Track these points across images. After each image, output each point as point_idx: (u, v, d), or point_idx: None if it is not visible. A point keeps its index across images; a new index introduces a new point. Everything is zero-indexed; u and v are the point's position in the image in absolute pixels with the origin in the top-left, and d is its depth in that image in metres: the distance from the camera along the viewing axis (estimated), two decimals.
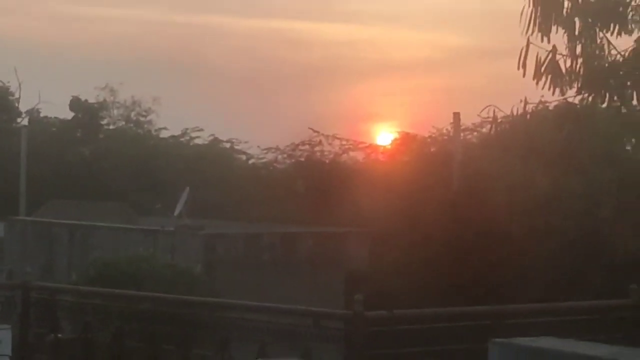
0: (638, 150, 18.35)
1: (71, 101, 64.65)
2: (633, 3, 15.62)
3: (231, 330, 12.10)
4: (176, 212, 32.01)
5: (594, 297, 15.03)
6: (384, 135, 35.19)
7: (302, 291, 15.63)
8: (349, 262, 20.73)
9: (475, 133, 26.14)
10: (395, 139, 31.95)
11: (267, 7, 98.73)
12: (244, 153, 50.45)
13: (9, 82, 65.07)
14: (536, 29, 15.26)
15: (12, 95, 65.37)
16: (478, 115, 21.72)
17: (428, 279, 16.18)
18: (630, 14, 15.47)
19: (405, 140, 29.42)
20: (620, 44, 15.75)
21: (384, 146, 33.30)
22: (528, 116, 17.72)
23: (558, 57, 15.43)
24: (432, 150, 26.53)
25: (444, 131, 27.77)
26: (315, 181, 31.42)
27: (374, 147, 34.23)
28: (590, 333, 10.46)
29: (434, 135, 29.46)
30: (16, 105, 65.41)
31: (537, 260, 16.72)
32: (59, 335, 13.28)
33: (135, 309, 13.76)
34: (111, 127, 67.49)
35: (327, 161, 33.81)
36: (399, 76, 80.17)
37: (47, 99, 66.33)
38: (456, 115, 26.41)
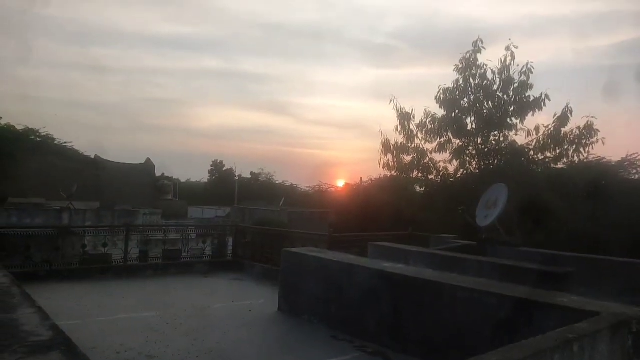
0: (416, 189, 18.56)
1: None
2: (411, 146, 17.08)
3: (295, 239, 11.33)
4: (280, 204, 32.06)
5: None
6: (340, 183, 32.53)
7: (318, 229, 13.99)
8: (329, 219, 19.88)
9: (367, 182, 22.72)
10: (344, 184, 30.41)
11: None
12: (299, 187, 50.05)
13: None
14: (383, 154, 16.89)
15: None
16: (369, 178, 22.74)
17: (352, 224, 15.59)
18: (409, 149, 16.92)
19: (347, 185, 27.35)
20: (408, 159, 17.06)
21: (341, 187, 31.17)
22: (381, 179, 20.50)
23: (390, 161, 16.98)
24: (354, 187, 24.51)
25: (359, 182, 24.94)
26: (321, 197, 30.68)
27: (338, 187, 32.33)
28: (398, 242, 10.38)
29: (355, 183, 27.78)
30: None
31: (381, 217, 16.06)
32: (246, 240, 12.69)
33: (267, 232, 12.98)
34: (261, 180, 60.42)
35: (324, 191, 33.07)
36: (345, 165, 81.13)
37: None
38: (361, 179, 24.65)
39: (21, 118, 60.22)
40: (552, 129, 15.92)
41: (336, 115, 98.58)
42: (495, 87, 16.76)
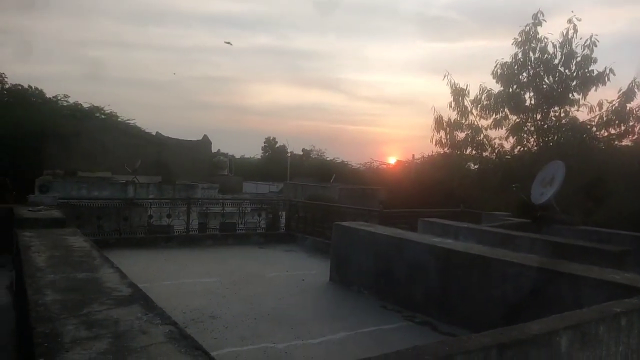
0: (469, 167, 18.05)
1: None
2: (465, 122, 16.66)
3: (345, 214, 11.42)
4: (331, 181, 30.69)
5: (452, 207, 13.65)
6: (392, 160, 33.22)
7: (368, 205, 14.09)
8: (380, 196, 19.70)
9: (419, 159, 23.00)
10: (396, 161, 30.76)
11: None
12: (350, 164, 47.58)
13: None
14: (436, 130, 16.64)
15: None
16: (421, 155, 23.12)
17: (403, 201, 15.38)
18: (463, 125, 16.59)
19: (399, 162, 27.94)
20: (461, 135, 16.68)
21: (392, 164, 31.36)
22: (433, 156, 20.33)
23: (442, 138, 16.66)
24: (406, 164, 24.57)
25: (410, 159, 24.52)
26: (372, 174, 30.28)
27: (389, 164, 32.66)
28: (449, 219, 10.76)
29: (407, 160, 26.16)
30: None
31: (433, 194, 16.17)
32: (298, 214, 12.87)
33: (318, 206, 13.06)
34: (313, 156, 58.15)
35: (375, 168, 33.00)
36: (397, 142, 79.70)
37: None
38: (413, 155, 24.56)
39: (87, 96, 63.34)
40: (616, 105, 15.16)
41: (389, 91, 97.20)
42: (556, 61, 16.07)
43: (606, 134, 15.82)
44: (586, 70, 15.63)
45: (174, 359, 2.31)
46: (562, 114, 16.40)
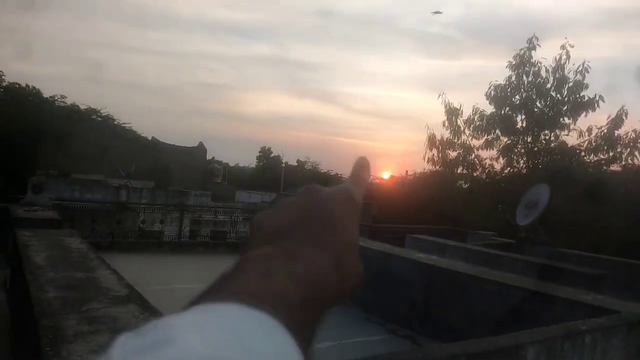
0: (460, 186, 18.56)
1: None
2: (457, 141, 17.19)
3: None
4: None
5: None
6: (386, 174, 33.19)
7: (361, 218, 16.02)
8: (372, 210, 22.05)
9: (411, 176, 23.01)
10: (389, 176, 30.26)
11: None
12: (344, 177, 46.17)
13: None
14: (428, 148, 17.23)
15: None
16: (413, 171, 23.26)
17: (394, 216, 15.31)
18: (455, 144, 16.89)
19: (392, 177, 26.37)
20: (453, 154, 17.15)
21: (386, 179, 30.89)
22: (425, 173, 20.73)
23: (434, 156, 17.48)
24: (399, 180, 24.20)
25: (404, 174, 24.89)
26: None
27: (382, 179, 31.92)
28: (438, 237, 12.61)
29: (400, 176, 25.69)
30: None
31: (423, 211, 15.91)
32: None
33: None
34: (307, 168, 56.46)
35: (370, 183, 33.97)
36: (391, 157, 79.55)
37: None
38: (406, 171, 24.62)
39: (84, 98, 63.39)
40: (605, 131, 15.58)
41: (384, 105, 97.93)
42: (548, 86, 16.49)
43: (595, 158, 16.20)
44: (577, 96, 16.04)
45: None
46: (552, 138, 16.81)
